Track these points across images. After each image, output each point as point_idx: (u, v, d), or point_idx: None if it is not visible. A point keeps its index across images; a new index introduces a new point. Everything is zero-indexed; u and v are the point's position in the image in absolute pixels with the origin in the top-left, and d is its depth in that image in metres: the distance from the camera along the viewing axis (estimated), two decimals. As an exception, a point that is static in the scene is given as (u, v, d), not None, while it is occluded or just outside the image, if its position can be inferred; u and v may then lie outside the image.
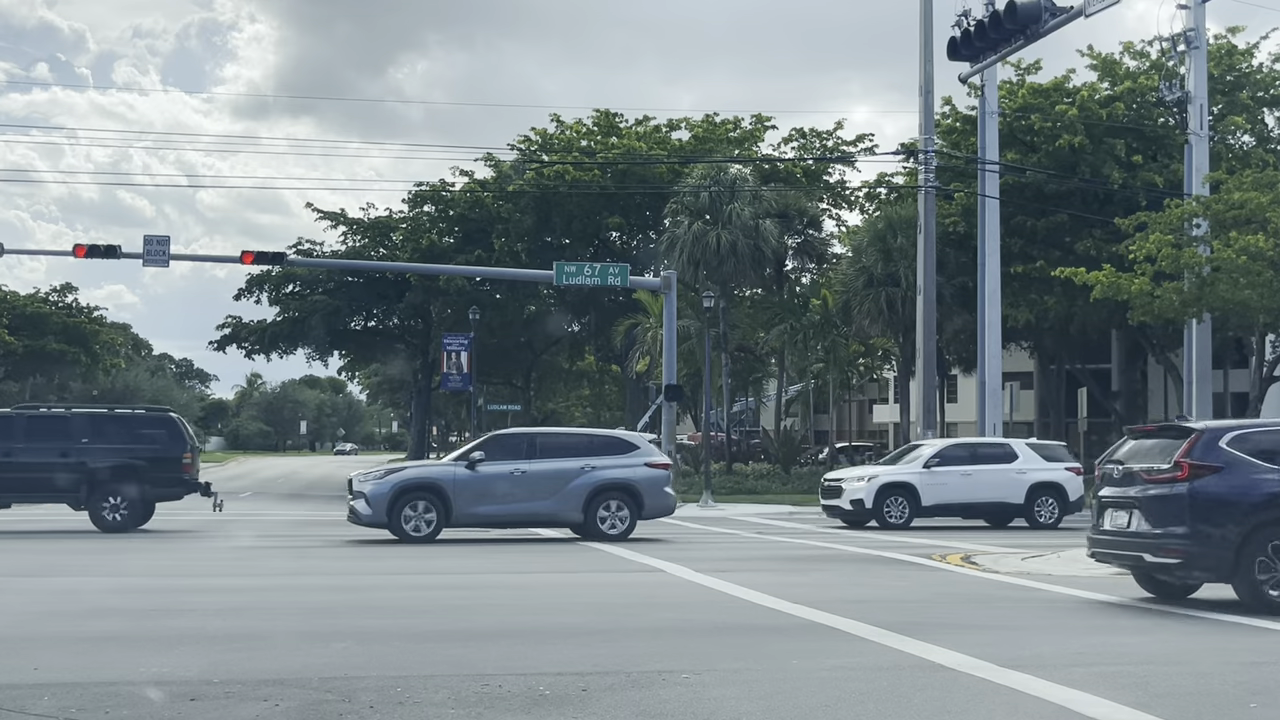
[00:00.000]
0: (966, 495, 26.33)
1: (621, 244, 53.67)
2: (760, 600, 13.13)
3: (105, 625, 11.17)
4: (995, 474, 26.56)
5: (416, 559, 18.48)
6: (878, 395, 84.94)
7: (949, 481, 26.20)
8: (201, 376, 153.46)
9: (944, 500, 26.22)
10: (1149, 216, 33.72)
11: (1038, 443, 30.20)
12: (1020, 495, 26.44)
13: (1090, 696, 8.10)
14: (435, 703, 7.81)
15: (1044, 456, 27.73)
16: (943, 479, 26.18)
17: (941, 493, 26.13)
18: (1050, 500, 26.58)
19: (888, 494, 25.96)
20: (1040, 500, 26.53)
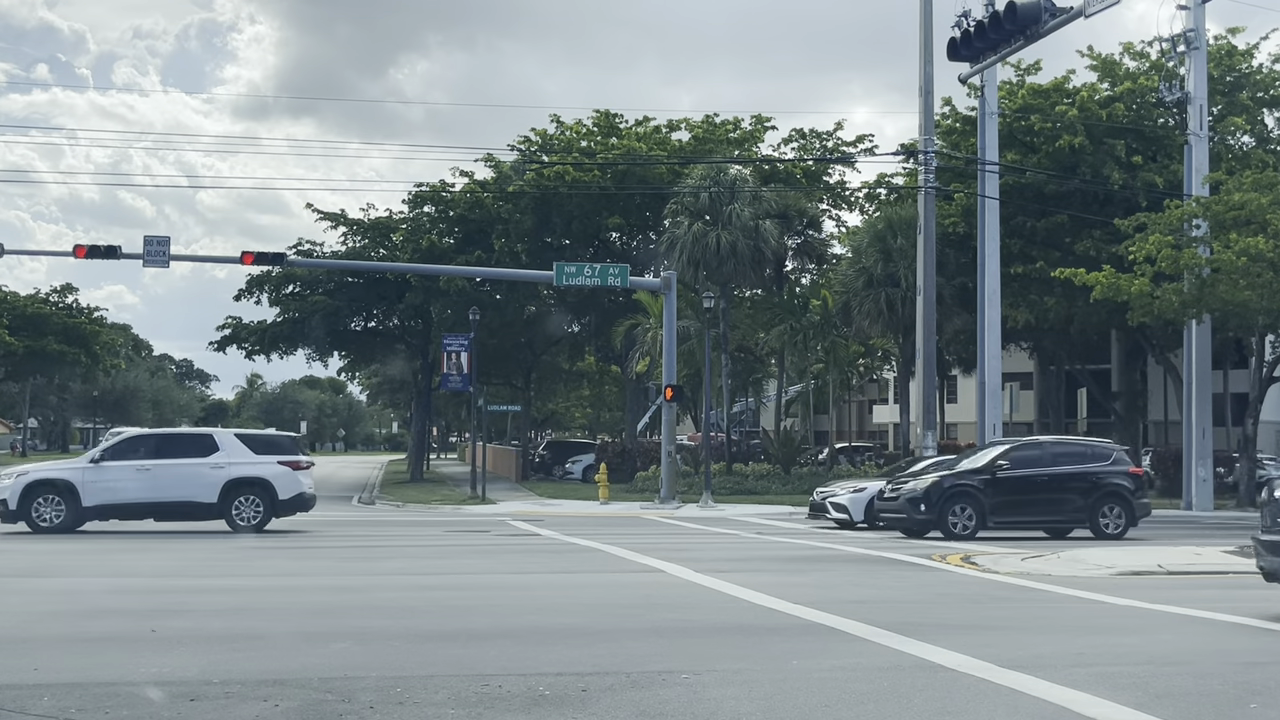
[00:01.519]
0: None
1: (621, 244, 53.65)
2: (760, 600, 13.13)
3: (105, 625, 11.18)
4: None
5: (417, 559, 18.50)
6: (878, 396, 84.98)
7: None
8: (202, 377, 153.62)
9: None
10: (1149, 217, 33.74)
11: None
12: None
13: (1090, 697, 8.10)
14: (435, 703, 7.81)
15: None
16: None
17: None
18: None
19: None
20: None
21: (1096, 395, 54.09)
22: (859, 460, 54.53)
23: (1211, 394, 36.32)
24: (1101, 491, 23.62)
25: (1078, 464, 24.06)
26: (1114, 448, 25.39)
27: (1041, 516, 23.75)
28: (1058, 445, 25.46)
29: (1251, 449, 37.04)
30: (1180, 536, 24.76)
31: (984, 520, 23.02)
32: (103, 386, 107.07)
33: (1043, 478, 23.70)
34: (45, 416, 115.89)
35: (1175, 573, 16.62)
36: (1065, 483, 23.76)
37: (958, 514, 22.99)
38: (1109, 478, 23.81)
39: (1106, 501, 23.65)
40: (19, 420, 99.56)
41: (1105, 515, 23.58)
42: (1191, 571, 16.84)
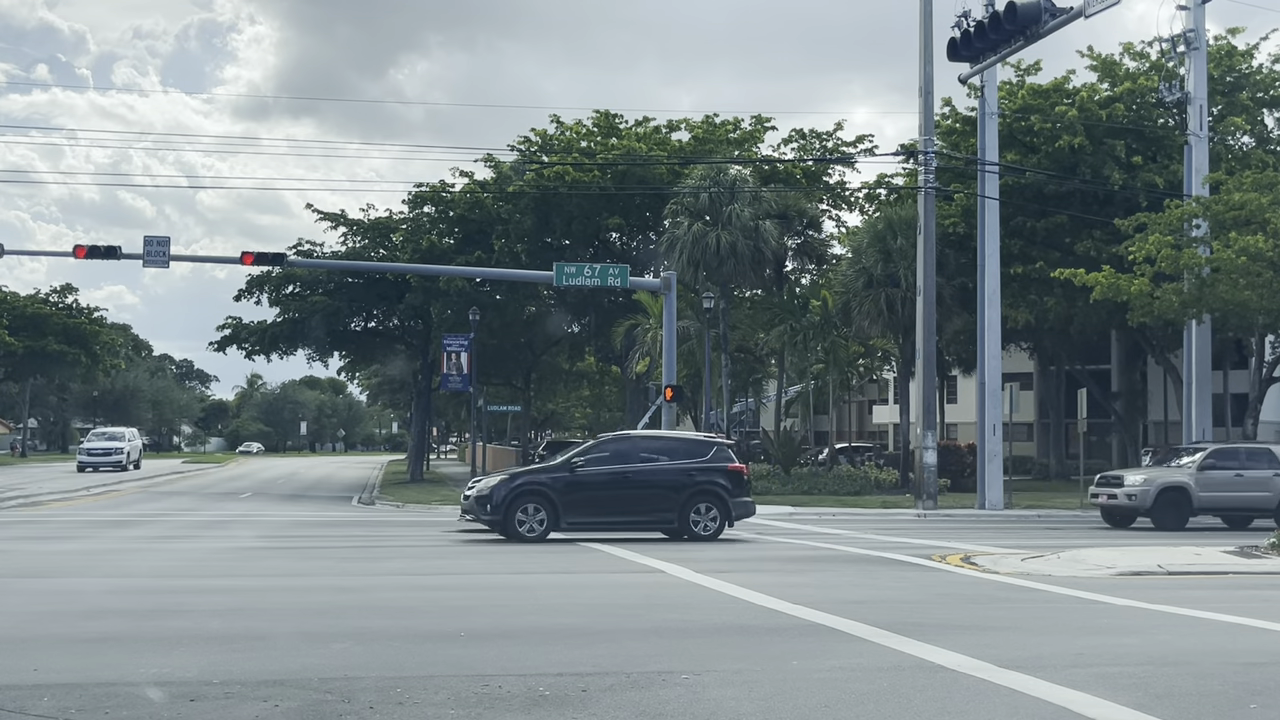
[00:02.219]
0: None
1: (621, 245, 53.64)
2: (760, 601, 13.14)
3: (105, 626, 11.18)
4: None
5: (417, 559, 18.50)
6: (878, 396, 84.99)
7: None
8: (202, 377, 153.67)
9: None
10: (1149, 217, 33.73)
11: None
12: None
13: (1090, 697, 8.11)
14: (435, 703, 7.81)
15: None
16: None
17: None
18: None
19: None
20: None
21: (1096, 395, 54.07)
22: (859, 460, 54.54)
23: (1211, 394, 36.30)
24: (694, 490, 22.20)
25: (670, 460, 22.70)
26: (715, 443, 23.61)
27: (625, 516, 22.16)
28: (649, 440, 24.23)
29: (1251, 449, 36.98)
30: (1180, 537, 24.77)
31: (557, 521, 21.62)
32: (103, 387, 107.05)
33: (627, 475, 22.22)
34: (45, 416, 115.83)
35: (1175, 573, 16.63)
36: (654, 480, 22.37)
37: (527, 514, 21.58)
38: (703, 475, 22.37)
39: (700, 500, 22.18)
40: (19, 420, 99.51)
41: (698, 514, 22.14)
42: (1191, 572, 16.85)
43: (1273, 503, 27.88)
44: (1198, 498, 27.68)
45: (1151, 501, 27.59)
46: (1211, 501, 27.96)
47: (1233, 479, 27.98)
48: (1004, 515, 32.43)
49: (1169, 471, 28.78)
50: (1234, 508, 28.22)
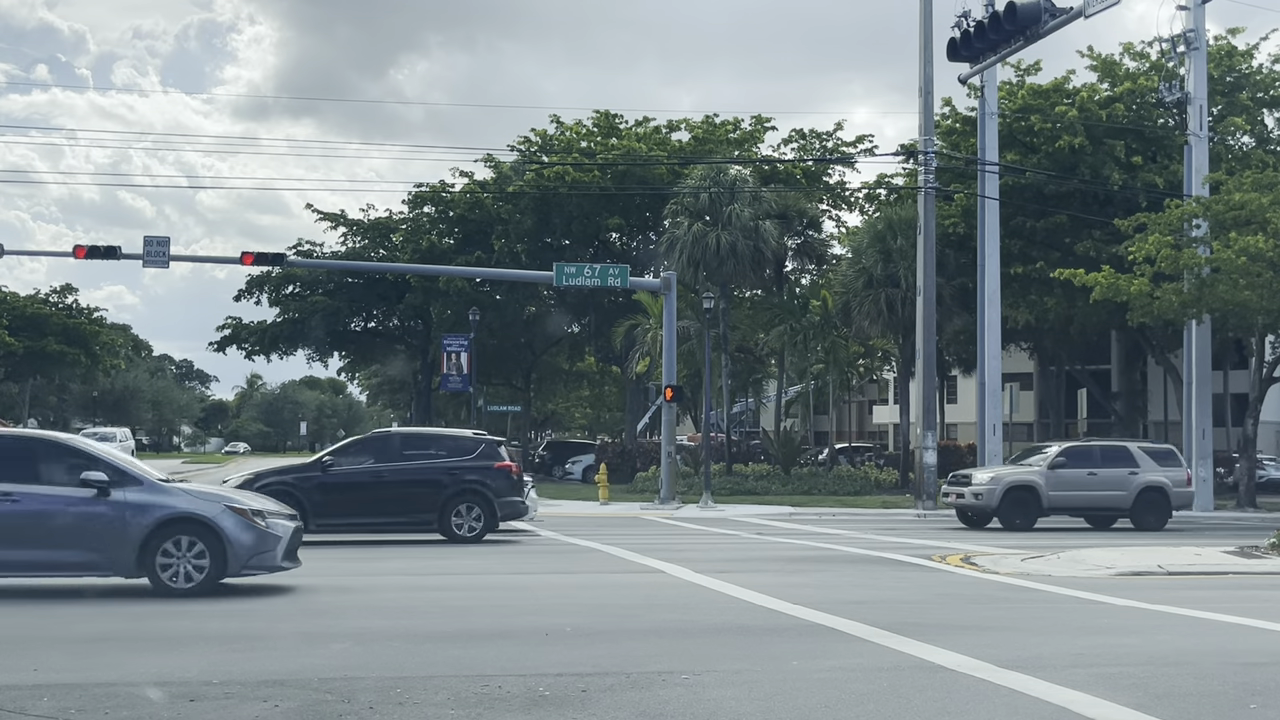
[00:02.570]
0: None
1: (621, 245, 53.66)
2: (760, 601, 13.14)
3: (105, 626, 11.17)
4: None
5: (417, 559, 18.49)
6: (878, 396, 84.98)
7: None
8: (202, 377, 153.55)
9: None
10: (1149, 217, 33.73)
11: None
12: None
13: (1090, 697, 8.10)
14: (435, 703, 7.81)
15: None
16: None
17: None
18: None
19: None
20: None
21: (1096, 395, 54.12)
22: (859, 460, 54.54)
23: (1211, 394, 36.32)
24: (456, 489, 21.25)
25: (432, 458, 21.68)
26: (483, 440, 22.28)
27: (381, 517, 21.18)
28: (411, 438, 23.32)
29: (1251, 449, 37.03)
30: (1180, 537, 24.77)
31: (305, 523, 20.18)
32: (102, 387, 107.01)
33: (383, 474, 21.28)
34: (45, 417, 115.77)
35: (1175, 573, 16.63)
36: (412, 479, 21.39)
37: None
38: (467, 474, 21.35)
39: (462, 500, 21.23)
40: (19, 420, 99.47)
41: (460, 516, 21.18)
42: (1192, 572, 16.85)
43: (1128, 502, 27.27)
44: (1048, 497, 26.87)
45: (998, 501, 26.80)
46: (1063, 501, 27.22)
47: (1086, 478, 27.24)
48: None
49: (1018, 470, 28.03)
50: (1087, 507, 27.58)
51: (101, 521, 12.68)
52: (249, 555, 12.98)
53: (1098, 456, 28.01)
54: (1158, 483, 27.53)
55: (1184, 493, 28.26)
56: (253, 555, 13.01)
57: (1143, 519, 27.25)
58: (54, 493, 12.72)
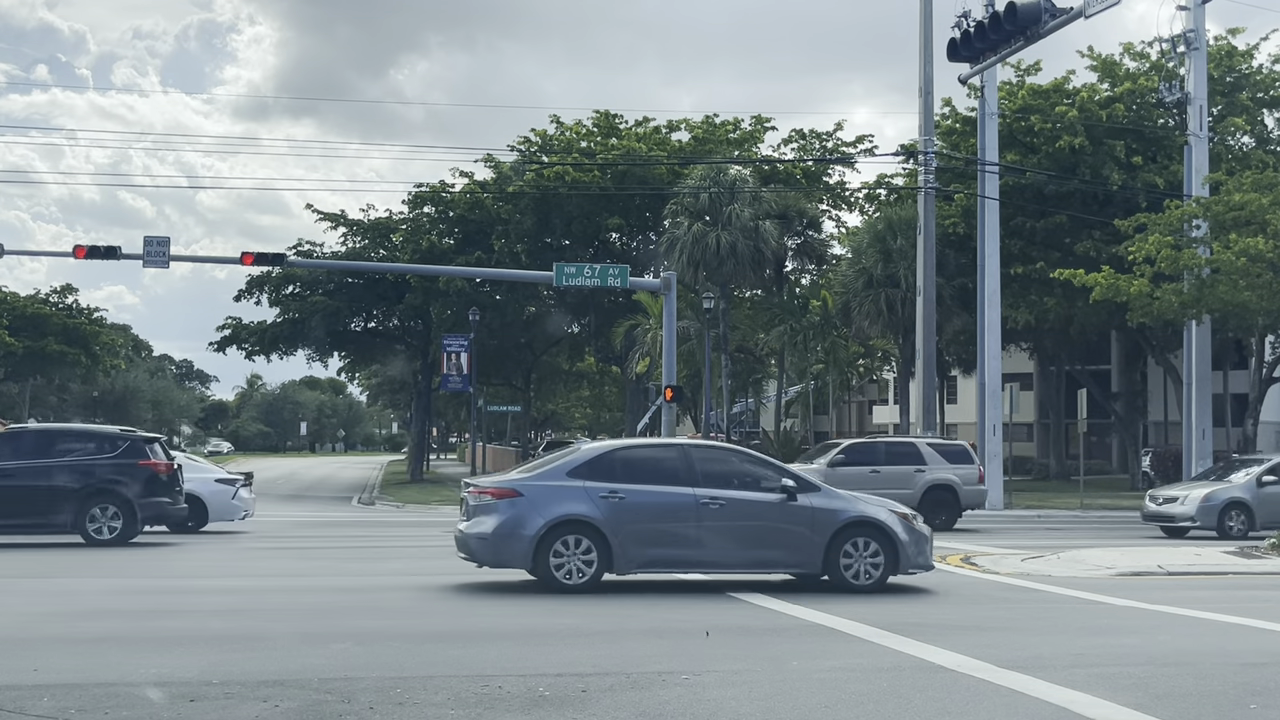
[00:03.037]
0: None
1: (621, 245, 53.64)
2: (759, 601, 13.13)
3: (105, 626, 11.17)
4: None
5: (417, 560, 18.48)
6: (877, 396, 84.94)
7: None
8: (202, 378, 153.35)
9: None
10: (1149, 218, 33.73)
11: None
12: None
13: (1090, 698, 8.10)
14: (435, 703, 7.81)
15: None
16: None
17: None
18: None
19: None
20: None
21: (1096, 396, 54.04)
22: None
23: (1211, 394, 36.31)
24: (92, 489, 19.83)
25: (68, 457, 20.17)
26: (128, 438, 20.84)
27: (10, 518, 19.55)
28: (48, 435, 21.66)
29: (1251, 449, 37.02)
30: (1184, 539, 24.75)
31: None
32: (102, 387, 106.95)
33: (11, 473, 19.66)
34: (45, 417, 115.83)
35: (1175, 573, 16.63)
36: (42, 479, 19.82)
37: None
38: (106, 473, 19.94)
39: (98, 501, 19.79)
40: (19, 421, 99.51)
41: (95, 518, 19.71)
42: (1192, 572, 16.85)
43: (914, 501, 25.55)
44: None
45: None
46: None
47: (868, 476, 26.15)
48: (1004, 516, 32.41)
49: (798, 470, 27.21)
50: None
51: (794, 523, 13.92)
52: (914, 555, 14.14)
53: (882, 454, 27.40)
54: (946, 481, 26.72)
55: (975, 491, 27.21)
56: (916, 555, 14.14)
57: (930, 518, 25.86)
58: (750, 497, 13.97)
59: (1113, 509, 34.79)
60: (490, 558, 13.93)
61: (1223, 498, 25.38)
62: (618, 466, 13.96)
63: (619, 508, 13.55)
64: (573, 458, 14.25)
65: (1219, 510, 25.21)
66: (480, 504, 13.98)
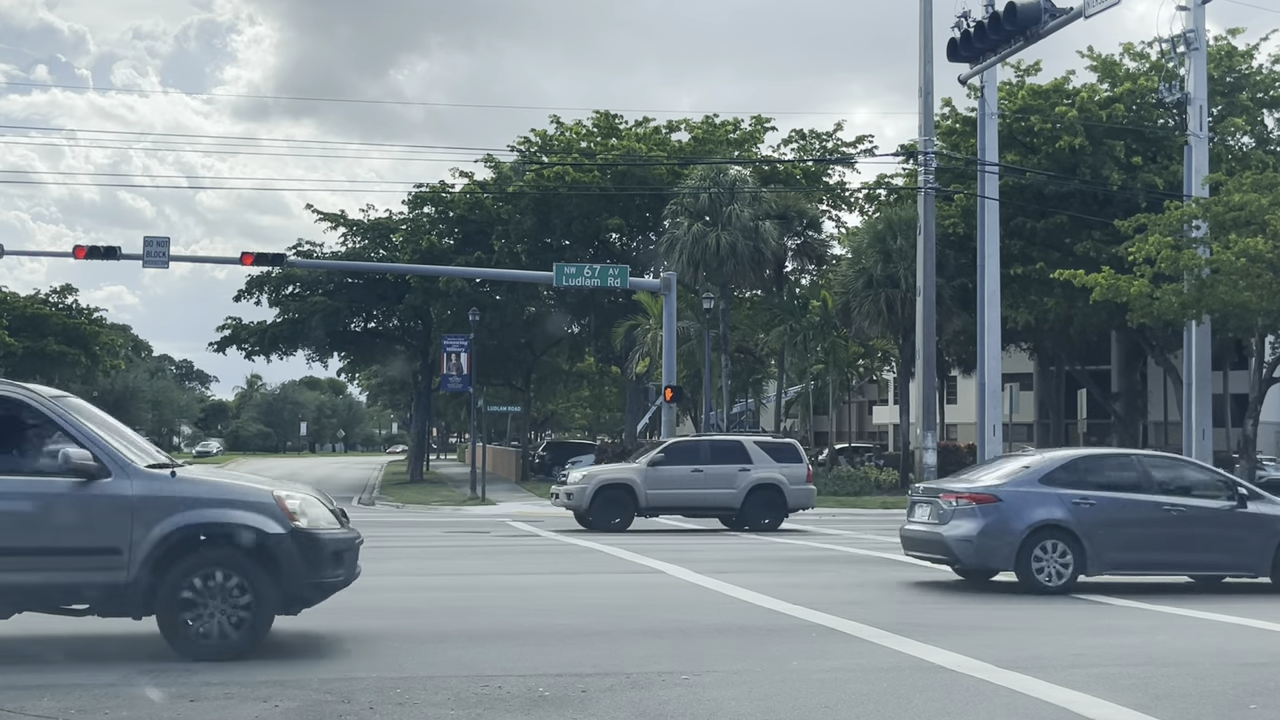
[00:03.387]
0: None
1: (621, 245, 53.66)
2: (760, 601, 13.13)
3: (106, 626, 11.16)
4: None
5: (417, 560, 18.48)
6: (877, 396, 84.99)
7: None
8: (201, 378, 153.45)
9: None
10: (1149, 218, 33.71)
11: None
12: None
13: (1090, 698, 8.10)
14: (435, 703, 7.81)
15: None
16: None
17: None
18: None
19: None
20: None
21: (1096, 396, 54.10)
22: (859, 461, 54.53)
23: (1211, 395, 36.27)
24: None
25: None
26: None
27: None
28: None
29: (1251, 450, 37.01)
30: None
31: None
32: (102, 387, 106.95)
33: None
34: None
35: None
36: None
37: None
38: None
39: None
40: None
41: None
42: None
43: (738, 501, 25.73)
44: (646, 495, 25.42)
45: (588, 501, 25.50)
46: (663, 500, 25.69)
47: (690, 475, 25.72)
48: (1004, 516, 32.36)
49: (616, 469, 27.05)
50: (690, 506, 26.06)
51: (1242, 529, 14.60)
52: None
53: (706, 452, 26.53)
54: (771, 480, 26.02)
55: (802, 490, 26.44)
56: None
57: (755, 518, 25.72)
58: (1203, 504, 14.70)
59: (1113, 509, 34.78)
60: (973, 560, 14.59)
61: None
62: (1084, 474, 14.71)
63: (1091, 513, 14.30)
64: (1041, 465, 14.91)
65: None
66: (959, 509, 14.59)
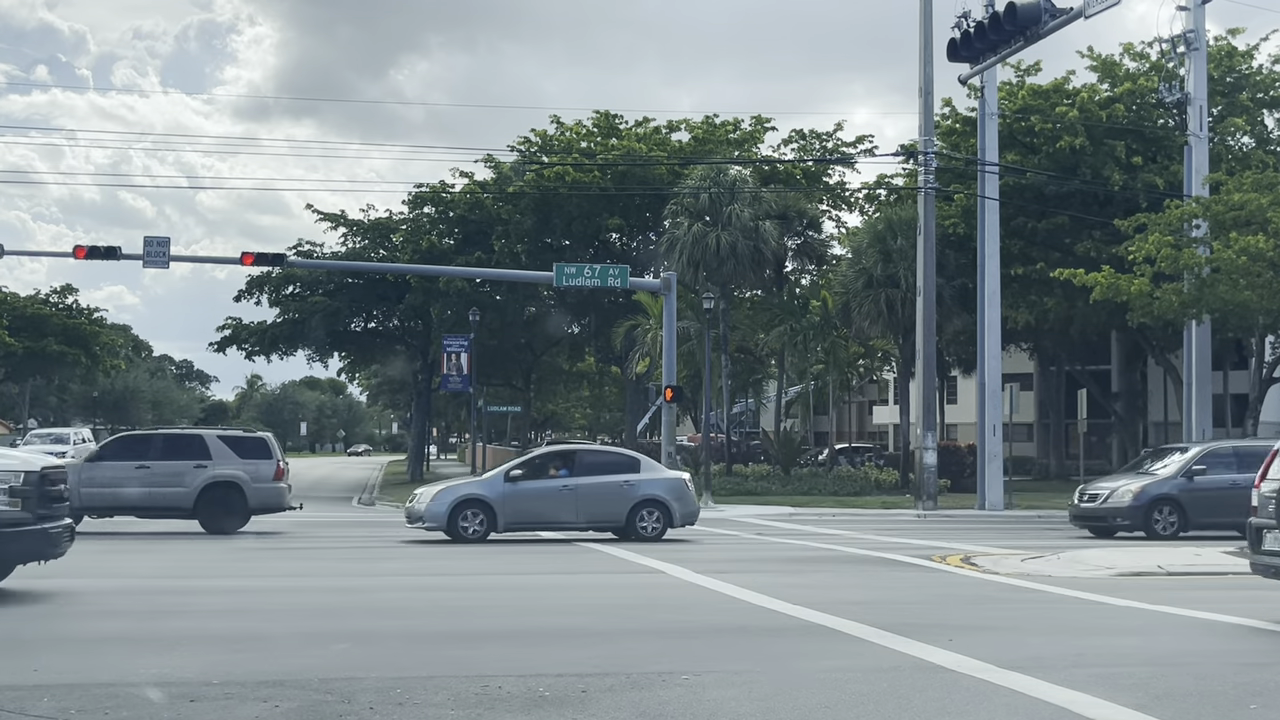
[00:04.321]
0: None
1: (621, 245, 53.64)
2: (760, 601, 13.13)
3: (105, 626, 11.17)
4: None
5: (417, 560, 18.48)
6: (878, 396, 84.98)
7: None
8: (202, 378, 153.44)
9: None
10: (1149, 218, 33.71)
11: None
12: None
13: (1090, 698, 8.10)
14: (435, 704, 7.81)
15: None
16: None
17: None
18: None
19: None
20: None
21: (1096, 396, 54.03)
22: (859, 461, 54.53)
23: (1211, 394, 36.28)
24: None
25: None
26: None
27: None
28: None
29: (1252, 450, 36.98)
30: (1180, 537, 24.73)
31: None
32: (102, 387, 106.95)
33: None
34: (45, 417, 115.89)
35: (1175, 574, 16.62)
36: None
37: None
38: None
39: None
40: (19, 421, 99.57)
41: None
42: (1192, 572, 16.83)
43: (190, 500, 23.67)
44: (80, 495, 21.93)
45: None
46: (98, 499, 23.11)
47: (134, 472, 23.57)
48: (1004, 516, 32.42)
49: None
50: (136, 505, 23.72)
51: None
52: None
53: (158, 447, 24.49)
54: (231, 478, 23.61)
55: (268, 490, 23.86)
56: None
57: (211, 520, 23.52)
58: None
59: (1113, 509, 34.78)
60: None
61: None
62: None
63: None
64: None
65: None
66: None
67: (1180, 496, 23.77)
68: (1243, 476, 20.40)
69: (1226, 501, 21.82)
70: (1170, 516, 23.72)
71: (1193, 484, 23.80)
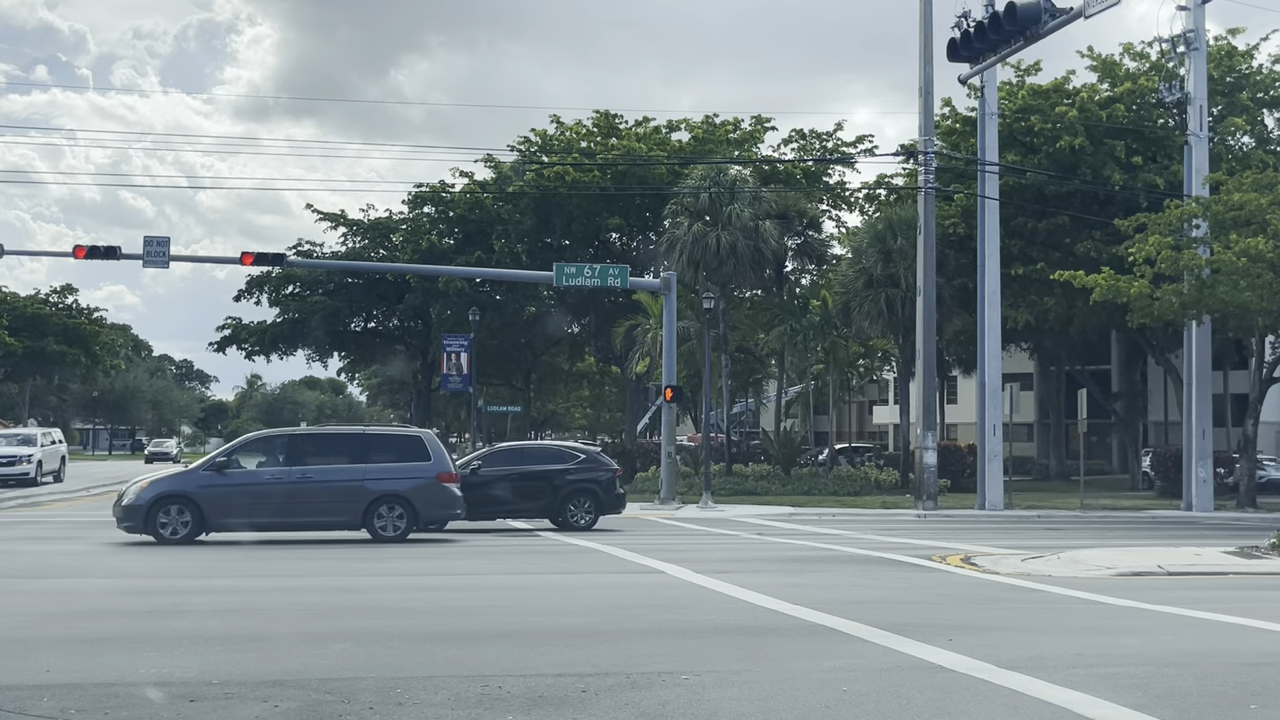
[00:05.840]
0: None
1: (621, 245, 53.67)
2: (760, 601, 13.13)
3: (105, 626, 11.17)
4: None
5: (417, 560, 18.47)
6: (878, 396, 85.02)
7: None
8: (201, 378, 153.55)
9: None
10: (1149, 218, 33.69)
11: None
12: None
13: (1090, 698, 8.10)
14: (435, 704, 7.81)
15: None
16: None
17: None
18: None
19: None
20: None
21: (1097, 396, 54.07)
22: (859, 461, 54.53)
23: (1211, 395, 36.28)
24: None
25: None
26: None
27: None
28: None
29: (1251, 450, 37.01)
30: (1180, 537, 24.75)
31: None
32: (102, 387, 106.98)
33: None
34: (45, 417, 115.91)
35: (1175, 573, 16.62)
36: None
37: None
38: None
39: None
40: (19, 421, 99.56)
41: None
42: (1192, 572, 16.83)
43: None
44: None
45: None
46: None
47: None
48: (1004, 516, 32.43)
49: None
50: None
51: None
52: None
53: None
54: None
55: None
56: None
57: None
58: None
59: (1113, 509, 34.82)
60: None
61: None
62: None
63: None
64: None
65: None
66: None
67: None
68: None
69: None
70: None
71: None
